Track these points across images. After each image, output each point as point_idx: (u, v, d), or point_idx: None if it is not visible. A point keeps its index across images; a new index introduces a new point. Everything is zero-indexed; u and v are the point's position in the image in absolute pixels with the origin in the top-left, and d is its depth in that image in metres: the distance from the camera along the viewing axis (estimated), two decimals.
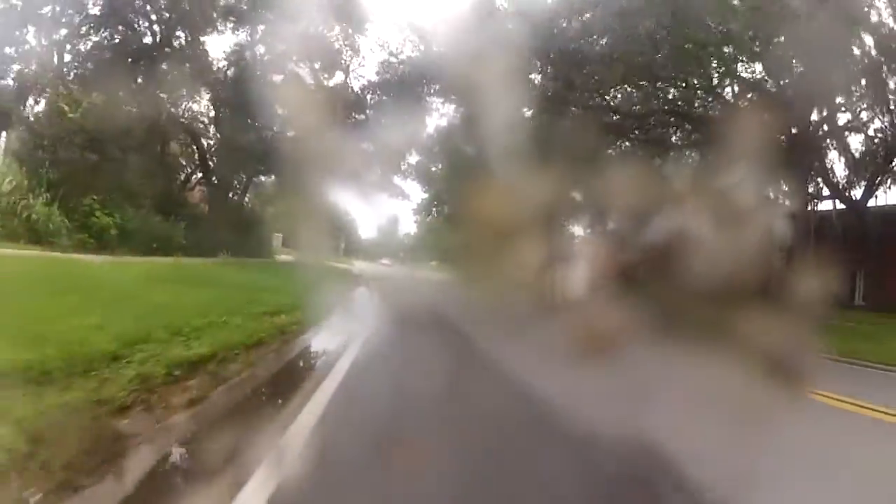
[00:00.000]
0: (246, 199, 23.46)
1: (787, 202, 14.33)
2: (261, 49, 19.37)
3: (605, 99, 14.44)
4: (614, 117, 14.58)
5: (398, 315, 9.24)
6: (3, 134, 10.85)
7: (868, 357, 6.75)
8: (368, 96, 18.14)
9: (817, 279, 6.78)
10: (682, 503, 2.14)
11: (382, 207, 46.62)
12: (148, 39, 18.39)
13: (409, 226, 46.99)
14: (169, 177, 16.77)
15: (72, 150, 10.04)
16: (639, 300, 7.12)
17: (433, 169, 22.42)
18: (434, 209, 27.78)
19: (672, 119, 14.79)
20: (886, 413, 3.75)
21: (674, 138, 16.06)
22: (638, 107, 13.24)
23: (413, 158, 19.64)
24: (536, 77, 13.93)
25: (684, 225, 9.37)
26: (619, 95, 13.40)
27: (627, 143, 16.08)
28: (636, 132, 15.52)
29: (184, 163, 20.87)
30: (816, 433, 3.22)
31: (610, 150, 15.65)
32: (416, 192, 31.43)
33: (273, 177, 22.56)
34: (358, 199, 33.22)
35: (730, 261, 6.98)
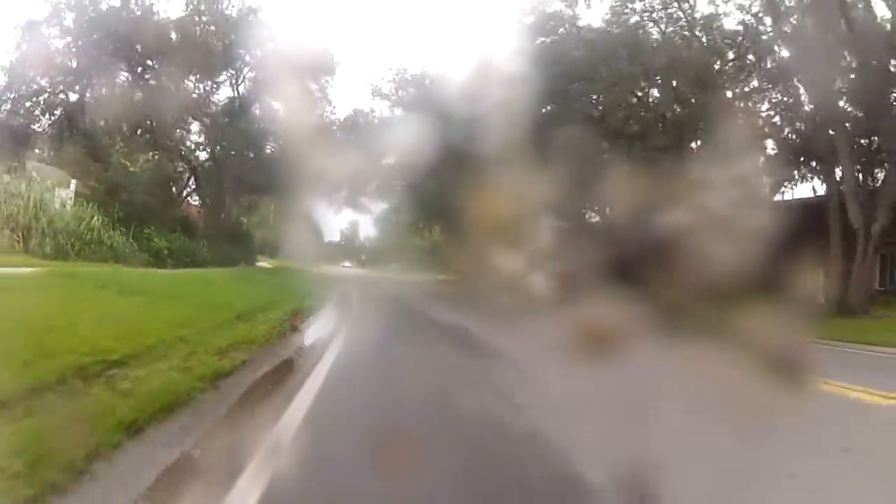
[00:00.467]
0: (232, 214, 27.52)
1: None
2: (246, 92, 23.57)
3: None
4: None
5: (371, 297, 14.13)
6: (73, 182, 14.89)
7: None
8: (338, 134, 22.79)
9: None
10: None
11: (346, 216, 50.60)
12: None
13: (368, 229, 51.30)
14: (180, 204, 20.87)
15: (135, 194, 14.36)
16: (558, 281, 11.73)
17: (393, 183, 27.21)
18: (394, 218, 32.57)
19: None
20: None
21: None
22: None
23: (375, 182, 24.32)
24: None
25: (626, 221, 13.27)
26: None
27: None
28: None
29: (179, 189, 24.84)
30: None
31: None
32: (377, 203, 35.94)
33: (257, 196, 26.85)
34: (327, 212, 37.26)
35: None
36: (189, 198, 25.55)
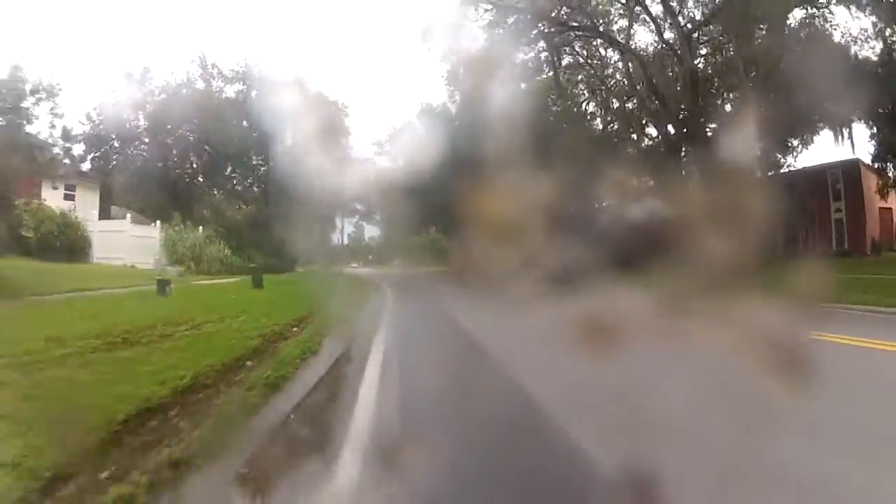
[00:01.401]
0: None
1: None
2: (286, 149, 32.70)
3: None
4: None
5: (387, 280, 23.66)
6: (201, 228, 24.19)
7: None
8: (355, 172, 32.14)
9: None
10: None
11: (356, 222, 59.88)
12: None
13: (372, 230, 60.35)
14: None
15: (242, 232, 23.77)
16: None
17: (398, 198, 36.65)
18: (397, 222, 41.90)
19: None
20: None
21: None
22: None
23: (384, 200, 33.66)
24: None
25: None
26: None
27: None
28: None
29: None
30: None
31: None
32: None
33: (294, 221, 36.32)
34: (343, 223, 46.57)
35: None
36: None
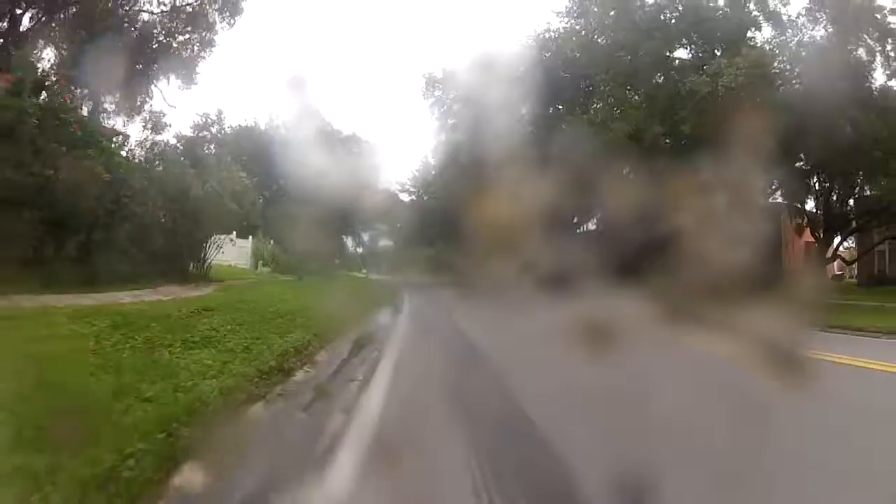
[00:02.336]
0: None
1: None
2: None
3: None
4: None
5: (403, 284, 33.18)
6: (271, 241, 33.81)
7: None
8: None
9: None
10: None
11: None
12: None
13: (383, 240, 69.24)
14: None
15: (301, 246, 33.44)
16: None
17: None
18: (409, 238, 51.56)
19: None
20: None
21: None
22: None
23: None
24: None
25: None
26: None
27: None
28: None
29: None
30: None
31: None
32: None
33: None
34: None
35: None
36: None
